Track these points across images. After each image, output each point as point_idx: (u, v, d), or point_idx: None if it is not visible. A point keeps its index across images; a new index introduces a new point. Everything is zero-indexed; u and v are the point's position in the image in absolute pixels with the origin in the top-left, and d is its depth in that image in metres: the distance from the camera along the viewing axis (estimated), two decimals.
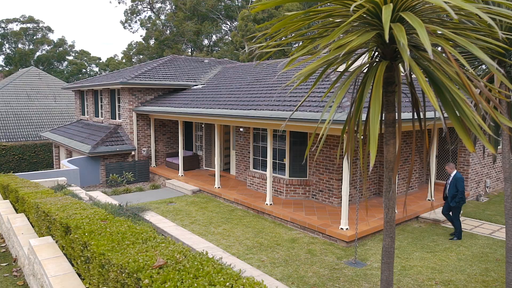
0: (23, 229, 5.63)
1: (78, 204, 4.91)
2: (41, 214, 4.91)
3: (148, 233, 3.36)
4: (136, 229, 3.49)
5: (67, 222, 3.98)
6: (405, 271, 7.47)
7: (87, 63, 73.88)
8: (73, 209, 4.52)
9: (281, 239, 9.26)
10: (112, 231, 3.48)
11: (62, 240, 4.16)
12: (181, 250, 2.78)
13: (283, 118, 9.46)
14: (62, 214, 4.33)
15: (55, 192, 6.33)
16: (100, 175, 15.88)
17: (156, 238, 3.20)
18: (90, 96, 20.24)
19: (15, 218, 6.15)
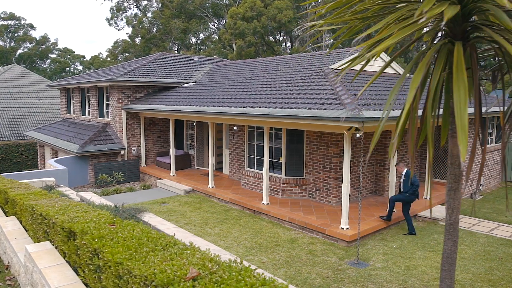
0: (16, 234, 5.21)
1: (78, 206, 4.55)
2: (38, 218, 4.54)
3: (166, 238, 3.05)
4: (152, 234, 3.16)
5: (70, 227, 3.64)
6: (410, 271, 7.33)
7: (71, 61, 72.45)
8: (73, 212, 4.17)
9: (280, 240, 9.04)
10: (125, 236, 3.16)
11: (64, 246, 3.81)
12: (211, 257, 2.48)
13: (282, 116, 9.23)
14: (62, 217, 3.97)
15: (51, 193, 5.96)
16: (88, 175, 15.40)
17: (177, 243, 2.89)
18: (77, 94, 19.67)
19: (5, 221, 5.71)
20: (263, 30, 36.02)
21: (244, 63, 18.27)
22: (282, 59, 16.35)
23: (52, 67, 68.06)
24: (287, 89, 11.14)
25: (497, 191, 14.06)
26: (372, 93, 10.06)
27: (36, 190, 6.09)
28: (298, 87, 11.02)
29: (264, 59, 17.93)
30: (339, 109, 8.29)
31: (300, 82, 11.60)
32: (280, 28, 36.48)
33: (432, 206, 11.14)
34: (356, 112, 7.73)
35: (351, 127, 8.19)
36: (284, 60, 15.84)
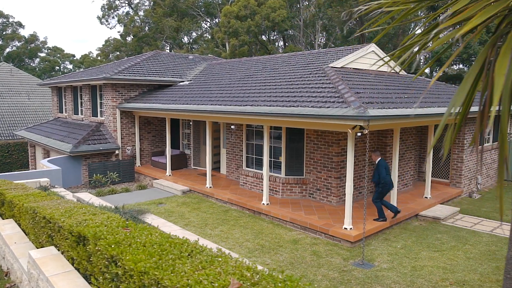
0: (15, 238, 4.91)
1: (84, 208, 4.29)
2: (40, 221, 4.27)
3: (189, 243, 2.83)
4: (173, 239, 2.93)
5: (80, 231, 3.38)
6: (417, 272, 7.21)
7: (61, 60, 71.45)
8: (80, 214, 3.92)
9: (283, 240, 8.87)
10: (143, 242, 2.90)
11: (72, 251, 3.54)
12: (247, 266, 2.26)
13: (283, 114, 9.05)
14: (69, 220, 3.71)
15: (48, 194, 5.68)
16: (82, 176, 15.06)
17: (204, 250, 2.66)
18: (69, 93, 19.27)
19: (3, 224, 5.38)
20: (257, 29, 35.84)
21: (240, 62, 18.07)
22: (278, 57, 16.19)
23: (41, 66, 67.04)
24: (287, 88, 10.97)
25: (495, 189, 14.07)
26: (373, 91, 9.93)
27: (35, 191, 5.80)
28: (298, 85, 10.85)
29: (261, 57, 17.74)
30: (343, 107, 8.14)
31: (300, 80, 11.44)
32: (273, 27, 36.32)
33: (432, 205, 11.08)
34: (362, 111, 7.59)
35: (356, 125, 8.05)
36: (281, 59, 15.67)
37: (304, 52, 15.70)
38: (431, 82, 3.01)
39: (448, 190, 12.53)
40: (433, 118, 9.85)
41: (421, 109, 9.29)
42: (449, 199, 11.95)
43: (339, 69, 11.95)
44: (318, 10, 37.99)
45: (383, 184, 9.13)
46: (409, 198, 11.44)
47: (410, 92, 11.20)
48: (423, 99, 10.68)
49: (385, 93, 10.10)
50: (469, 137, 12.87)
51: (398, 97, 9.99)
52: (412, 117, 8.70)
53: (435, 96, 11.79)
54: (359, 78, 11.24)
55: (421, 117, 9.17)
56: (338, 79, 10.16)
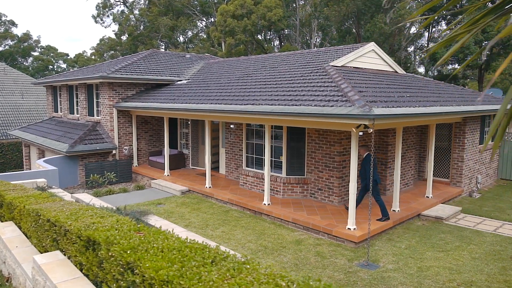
0: (16, 241, 4.70)
1: (90, 210, 4.10)
2: (44, 224, 4.08)
3: (210, 249, 2.66)
4: (192, 244, 2.76)
5: (89, 235, 3.19)
6: (423, 273, 7.12)
7: (54, 59, 70.80)
8: (87, 217, 3.73)
9: (285, 241, 8.75)
10: (161, 247, 2.72)
11: (81, 257, 3.35)
12: (280, 274, 2.12)
13: (286, 113, 8.92)
14: (77, 224, 3.52)
15: (50, 195, 5.48)
16: (78, 176, 14.84)
17: (228, 256, 2.50)
18: (64, 92, 19.00)
19: (3, 227, 5.14)
20: (253, 29, 35.70)
21: (238, 61, 17.92)
22: (277, 56, 16.06)
23: (35, 65, 66.40)
24: (288, 86, 10.85)
25: (494, 189, 14.05)
26: (375, 90, 9.84)
27: (35, 192, 5.59)
28: (300, 84, 10.74)
29: (259, 56, 17.61)
30: (347, 106, 8.03)
31: (300, 79, 11.32)
32: (270, 26, 36.20)
33: (434, 205, 11.02)
34: (367, 109, 7.48)
35: (360, 124, 7.95)
36: (280, 58, 15.55)
37: (303, 51, 15.59)
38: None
39: (449, 189, 12.48)
40: (436, 117, 9.79)
41: (425, 108, 9.22)
42: (450, 198, 11.90)
43: (339, 68, 11.86)
44: (314, 9, 37.93)
45: (367, 179, 9.18)
46: (410, 198, 11.37)
47: (412, 91, 11.13)
48: (424, 98, 10.61)
49: (387, 92, 10.02)
50: (470, 136, 12.83)
51: (400, 96, 9.91)
52: (416, 116, 8.62)
53: (436, 95, 11.73)
54: (360, 77, 11.15)
55: (425, 116, 9.09)
56: (340, 78, 10.05)
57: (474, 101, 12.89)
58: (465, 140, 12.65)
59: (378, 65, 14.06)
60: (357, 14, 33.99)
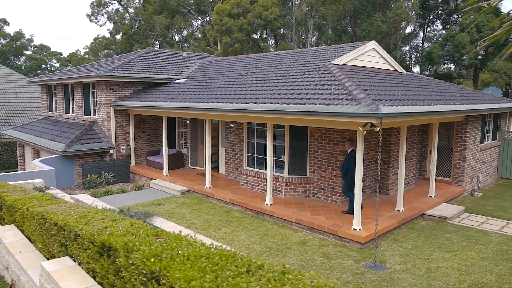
0: (19, 246, 4.45)
1: (100, 213, 3.88)
2: (51, 228, 3.85)
3: (241, 255, 2.46)
4: (220, 250, 2.56)
5: (104, 240, 2.97)
6: (432, 273, 7.00)
7: (47, 58, 70.07)
8: (98, 221, 3.51)
9: (290, 242, 8.60)
10: (187, 254, 2.48)
11: (94, 264, 3.12)
12: (329, 285, 1.96)
13: (290, 112, 8.76)
14: (88, 228, 3.30)
15: (53, 197, 5.24)
16: (75, 176, 14.57)
17: (264, 264, 2.30)
18: (60, 91, 18.69)
19: (4, 231, 4.85)
20: (250, 27, 35.53)
21: (236, 59, 17.74)
22: (276, 55, 15.91)
23: (27, 64, 65.66)
24: (290, 85, 10.70)
25: (495, 188, 14.02)
26: (379, 89, 9.72)
27: (37, 194, 5.34)
28: (302, 83, 10.59)
29: (258, 55, 17.45)
30: (353, 104, 7.90)
31: (302, 77, 11.18)
32: (266, 25, 36.04)
33: (437, 204, 10.93)
34: (374, 108, 7.35)
35: (367, 123, 7.81)
36: (280, 56, 15.40)
37: (303, 50, 15.45)
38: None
39: (451, 188, 12.41)
40: (442, 115, 9.69)
41: (431, 107, 9.11)
42: (452, 198, 11.83)
43: (341, 66, 11.73)
44: (310, 8, 37.84)
45: (353, 173, 9.14)
46: (413, 197, 11.27)
47: (415, 90, 11.04)
48: (427, 97, 10.51)
49: (390, 91, 9.90)
50: (471, 135, 12.77)
51: (404, 95, 9.80)
52: (423, 114, 8.51)
53: (438, 93, 11.65)
54: (362, 75, 11.02)
55: (432, 114, 8.99)
56: (343, 76, 9.92)
57: (475, 99, 12.83)
58: (467, 139, 12.58)
59: (379, 63, 13.96)
60: (353, 13, 33.95)
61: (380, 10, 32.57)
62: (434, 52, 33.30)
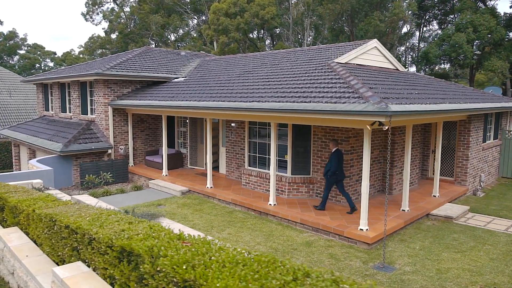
0: (26, 250, 4.19)
1: (114, 214, 3.66)
2: (61, 231, 3.61)
3: (281, 261, 2.27)
4: (258, 256, 2.35)
5: (123, 245, 2.72)
6: (443, 275, 6.87)
7: (41, 58, 69.46)
8: (113, 223, 3.27)
9: (295, 243, 8.44)
10: (221, 260, 2.22)
11: (112, 269, 2.87)
12: None
13: (295, 110, 8.60)
14: (104, 231, 3.08)
15: (58, 199, 5.01)
16: (72, 176, 14.31)
17: (312, 271, 2.10)
18: (56, 90, 18.39)
19: (8, 234, 4.64)
20: (246, 27, 35.35)
21: (235, 58, 17.56)
22: (276, 53, 15.76)
23: (21, 64, 65.03)
24: (294, 83, 10.54)
25: (497, 187, 13.96)
26: (384, 87, 9.59)
27: (41, 194, 5.09)
28: (306, 81, 10.43)
29: (257, 53, 17.28)
30: (360, 102, 7.75)
31: (305, 75, 11.02)
32: (263, 24, 35.88)
33: (441, 204, 10.83)
34: (384, 106, 7.21)
35: (375, 121, 7.67)
36: (280, 55, 15.24)
37: (303, 48, 15.30)
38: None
39: (454, 188, 12.32)
40: (448, 114, 9.58)
41: (439, 105, 9.00)
42: (456, 197, 11.73)
43: (344, 65, 11.58)
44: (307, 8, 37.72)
45: (332, 173, 9.36)
46: (417, 197, 11.15)
47: (419, 89, 10.92)
48: (431, 96, 10.40)
49: (396, 89, 9.78)
50: (474, 134, 12.69)
51: (409, 93, 9.68)
52: (433, 113, 8.39)
53: (441, 92, 11.54)
54: (365, 74, 10.89)
55: (442, 113, 8.88)
56: (348, 74, 9.78)
57: (478, 98, 12.75)
58: (470, 138, 12.50)
59: (381, 62, 13.84)
60: (351, 13, 33.88)
61: (378, 10, 32.53)
62: (430, 52, 33.29)
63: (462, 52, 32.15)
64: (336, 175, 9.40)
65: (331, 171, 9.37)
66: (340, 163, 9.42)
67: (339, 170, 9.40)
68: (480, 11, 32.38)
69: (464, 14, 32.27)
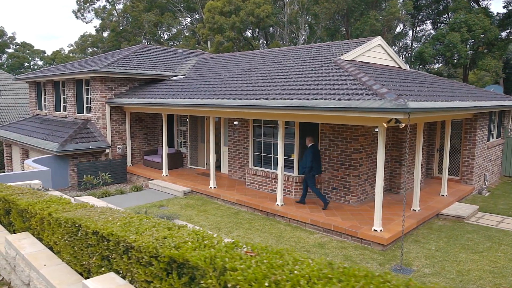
0: (42, 258, 3.74)
1: (146, 218, 3.30)
2: (87, 237, 3.14)
3: (390, 277, 1.99)
4: (349, 269, 2.03)
5: (174, 255, 2.31)
6: (464, 277, 6.66)
7: (30, 57, 68.28)
8: (149, 228, 2.85)
9: (308, 245, 8.17)
10: (306, 275, 1.95)
11: (158, 283, 2.48)
12: None
13: (307, 108, 8.32)
14: (143, 238, 2.66)
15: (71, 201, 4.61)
16: (69, 177, 13.85)
17: (391, 279, 1.83)
18: (50, 88, 17.87)
19: (19, 240, 4.29)
20: (242, 25, 35.01)
21: (235, 56, 17.25)
22: (278, 51, 15.49)
23: (10, 63, 63.78)
24: (301, 80, 10.27)
25: (501, 186, 13.86)
26: (395, 84, 9.38)
27: (52, 196, 4.68)
28: (313, 78, 10.18)
29: (257, 51, 17.00)
30: (376, 99, 7.51)
31: (312, 73, 10.77)
32: (258, 23, 35.56)
33: (450, 203, 10.66)
34: (402, 103, 6.97)
35: (391, 119, 7.44)
36: (281, 52, 14.97)
37: (305, 46, 15.05)
38: None
39: (461, 187, 12.18)
40: (461, 112, 9.42)
41: (454, 103, 8.83)
42: (463, 196, 11.59)
43: (350, 62, 11.36)
44: (301, 7, 37.52)
45: (309, 169, 9.62)
46: (425, 196, 10.97)
47: (426, 86, 10.74)
48: (440, 93, 10.22)
49: (405, 86, 9.57)
50: (480, 132, 12.57)
51: (420, 91, 9.48)
52: (448, 110, 8.19)
53: (448, 90, 11.38)
54: (372, 71, 10.68)
55: (455, 110, 8.70)
56: (358, 71, 9.55)
57: (483, 96, 12.64)
58: (476, 136, 12.38)
59: (385, 60, 13.66)
60: (347, 12, 33.76)
61: (374, 9, 32.46)
62: (425, 51, 33.34)
63: (456, 52, 32.26)
64: (313, 171, 9.68)
65: (308, 167, 9.62)
66: (316, 158, 9.68)
67: (315, 165, 9.67)
68: (473, 11, 32.54)
69: (458, 14, 32.37)
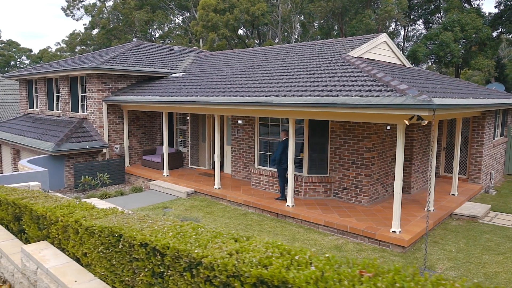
0: (70, 272, 3.11)
1: (201, 228, 2.78)
2: (131, 250, 2.67)
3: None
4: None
5: (264, 276, 1.88)
6: (492, 280, 6.41)
7: (16, 55, 66.78)
8: (211, 239, 2.47)
9: (323, 247, 7.84)
10: None
11: None
12: None
13: (322, 105, 7.99)
14: (213, 252, 2.25)
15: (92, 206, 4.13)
16: (65, 178, 13.30)
17: None
18: (42, 86, 17.23)
19: (39, 251, 3.72)
20: (236, 23, 34.60)
21: (234, 53, 16.86)
22: (279, 48, 15.14)
23: None
24: (310, 77, 9.95)
25: (506, 184, 13.75)
26: (410, 81, 9.11)
27: (70, 201, 4.21)
28: (323, 75, 9.86)
29: (257, 48, 16.64)
30: (397, 95, 7.22)
31: (320, 69, 10.45)
32: (253, 21, 35.19)
33: (462, 203, 10.44)
34: (427, 99, 6.68)
35: (414, 115, 7.15)
36: (284, 49, 14.64)
37: (307, 43, 14.74)
38: None
39: (469, 186, 12.00)
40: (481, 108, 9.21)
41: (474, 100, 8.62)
42: (473, 195, 11.40)
43: (358, 59, 11.08)
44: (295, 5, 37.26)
45: (278, 162, 10.01)
46: (436, 196, 10.74)
47: (436, 83, 10.52)
48: (450, 90, 10.00)
49: (419, 83, 9.32)
50: (487, 131, 12.41)
51: (433, 88, 9.23)
52: (470, 107, 7.95)
53: (457, 88, 11.18)
54: (380, 68, 10.41)
55: (477, 107, 8.50)
56: (370, 67, 9.26)
57: (489, 94, 12.48)
58: (484, 135, 12.21)
59: (389, 57, 13.45)
60: (341, 10, 33.60)
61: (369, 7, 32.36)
62: (418, 50, 33.39)
63: (449, 51, 32.36)
64: (282, 163, 10.01)
65: (277, 160, 9.99)
66: (286, 152, 9.93)
67: (284, 158, 9.97)
68: (466, 10, 32.71)
69: (451, 14, 32.49)
